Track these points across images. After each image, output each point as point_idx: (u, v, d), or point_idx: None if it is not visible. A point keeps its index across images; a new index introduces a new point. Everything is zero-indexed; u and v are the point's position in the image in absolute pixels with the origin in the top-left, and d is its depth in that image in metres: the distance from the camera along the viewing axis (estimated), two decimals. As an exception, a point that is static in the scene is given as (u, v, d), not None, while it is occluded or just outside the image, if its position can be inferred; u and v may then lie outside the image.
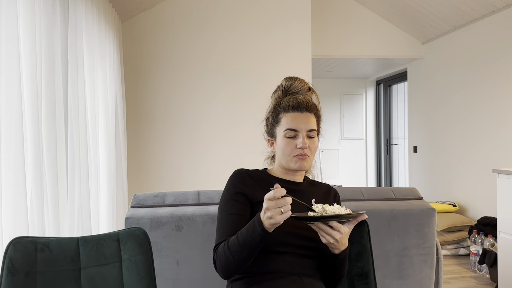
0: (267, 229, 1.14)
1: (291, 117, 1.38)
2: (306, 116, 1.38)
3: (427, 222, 1.94)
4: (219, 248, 1.27)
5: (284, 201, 1.09)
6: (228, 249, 1.22)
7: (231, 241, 1.23)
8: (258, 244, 1.17)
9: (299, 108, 1.38)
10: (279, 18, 4.45)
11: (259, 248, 1.19)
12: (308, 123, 1.37)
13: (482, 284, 3.40)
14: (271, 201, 1.09)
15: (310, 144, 1.37)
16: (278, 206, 1.09)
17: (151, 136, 4.32)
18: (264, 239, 1.16)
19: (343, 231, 1.18)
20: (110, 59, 3.30)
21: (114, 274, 1.32)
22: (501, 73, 3.90)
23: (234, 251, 1.20)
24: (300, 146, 1.34)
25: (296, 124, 1.37)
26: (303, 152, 1.35)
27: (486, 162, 4.12)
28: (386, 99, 6.87)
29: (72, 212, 2.22)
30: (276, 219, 1.10)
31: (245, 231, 1.19)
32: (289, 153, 1.37)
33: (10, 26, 1.56)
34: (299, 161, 1.36)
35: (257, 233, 1.15)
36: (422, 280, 1.95)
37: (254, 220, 1.17)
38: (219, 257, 1.25)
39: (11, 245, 1.24)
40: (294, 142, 1.36)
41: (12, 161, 1.56)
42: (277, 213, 1.10)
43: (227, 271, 1.25)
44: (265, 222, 1.13)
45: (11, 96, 1.55)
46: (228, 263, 1.23)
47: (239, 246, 1.19)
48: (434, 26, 4.73)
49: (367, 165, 7.18)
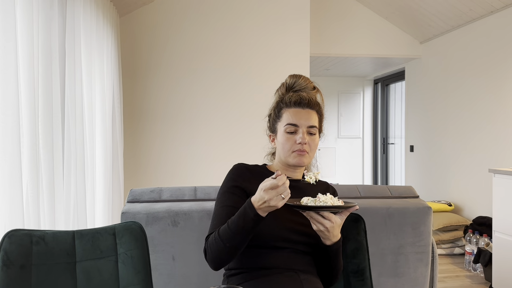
0: (260, 214, 1.16)
1: (292, 113, 1.39)
2: (308, 113, 1.39)
3: (423, 220, 1.94)
4: (210, 237, 1.27)
5: (284, 187, 1.12)
6: (219, 237, 1.22)
7: (222, 229, 1.23)
8: (250, 229, 1.18)
9: (301, 104, 1.39)
10: (278, 16, 4.44)
11: (251, 233, 1.20)
12: (309, 119, 1.38)
13: (477, 283, 3.42)
14: (273, 190, 1.11)
15: (310, 141, 1.37)
16: (279, 193, 1.11)
17: (148, 131, 4.31)
18: (257, 224, 1.17)
19: (334, 221, 1.19)
20: (108, 54, 3.28)
21: (109, 268, 1.32)
22: (498, 73, 3.91)
23: (226, 239, 1.20)
24: (299, 142, 1.35)
25: (297, 119, 1.37)
26: (302, 148, 1.35)
27: (482, 161, 4.13)
28: (384, 98, 6.88)
29: (68, 206, 2.21)
30: (277, 204, 1.13)
31: (235, 218, 1.20)
32: (288, 148, 1.37)
33: (7, 20, 1.55)
34: (298, 157, 1.36)
35: (249, 218, 1.16)
36: (417, 278, 1.95)
37: (245, 206, 1.18)
38: (210, 246, 1.25)
39: (6, 237, 1.23)
40: (294, 137, 1.37)
41: (8, 155, 1.55)
42: (278, 200, 1.12)
43: (218, 260, 1.25)
44: (261, 207, 1.14)
45: (7, 90, 1.54)
46: (220, 251, 1.23)
47: (231, 233, 1.19)
48: (432, 26, 4.73)
49: (364, 164, 7.20)
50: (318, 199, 1.20)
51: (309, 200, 1.21)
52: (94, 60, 2.83)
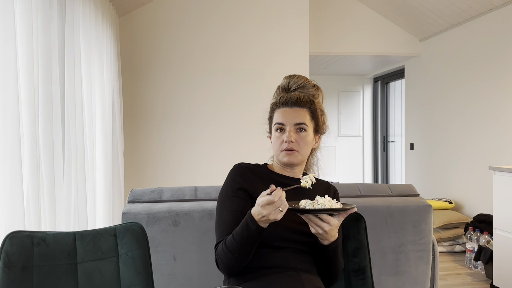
0: (261, 226, 1.17)
1: (280, 112, 1.41)
2: (295, 111, 1.40)
3: (423, 218, 1.94)
4: (218, 247, 1.29)
5: (280, 201, 1.13)
6: (227, 248, 1.24)
7: (228, 241, 1.24)
8: (255, 239, 1.20)
9: (288, 104, 1.40)
10: (277, 14, 4.44)
11: (257, 242, 1.22)
12: (296, 117, 1.39)
13: (477, 280, 3.42)
14: (270, 205, 1.12)
15: (299, 139, 1.38)
16: (276, 207, 1.12)
17: (148, 132, 4.31)
18: (260, 234, 1.19)
19: (332, 223, 1.19)
20: (107, 54, 3.28)
21: (111, 269, 1.32)
22: (498, 70, 3.91)
23: (233, 250, 1.22)
24: (285, 140, 1.37)
25: (283, 117, 1.39)
26: (288, 146, 1.36)
27: (483, 159, 4.13)
28: (383, 96, 6.87)
29: (69, 207, 2.21)
30: (276, 218, 1.14)
31: (239, 230, 1.21)
32: (277, 148, 1.40)
33: (6, 21, 1.54)
34: (287, 156, 1.38)
35: (252, 231, 1.18)
36: (418, 276, 1.95)
37: (246, 219, 1.20)
38: (220, 257, 1.27)
39: (7, 239, 1.23)
40: (282, 136, 1.39)
41: (9, 155, 1.55)
42: (277, 213, 1.13)
43: (230, 268, 1.27)
44: (261, 220, 1.16)
45: (7, 90, 1.54)
46: (229, 261, 1.25)
47: (237, 244, 1.21)
48: (431, 24, 4.73)
49: (364, 162, 7.19)
50: (316, 202, 1.20)
51: (307, 203, 1.21)
52: (93, 60, 2.83)
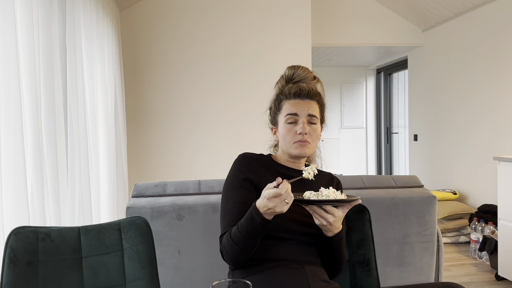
0: (266, 218, 1.16)
1: (292, 103, 1.39)
2: (307, 103, 1.38)
3: (428, 209, 1.94)
4: (223, 239, 1.29)
5: (286, 193, 1.12)
6: (232, 240, 1.24)
7: (233, 232, 1.24)
8: (260, 232, 1.20)
9: (300, 95, 1.39)
10: (279, 7, 4.41)
11: (262, 234, 1.21)
12: (309, 109, 1.38)
13: (482, 271, 3.42)
14: (277, 198, 1.11)
15: (311, 131, 1.37)
16: (283, 200, 1.11)
17: (150, 126, 4.31)
18: (265, 227, 1.19)
19: (336, 215, 1.19)
20: (109, 49, 3.27)
21: (116, 263, 1.32)
22: (502, 60, 3.88)
23: (238, 241, 1.22)
24: (299, 132, 1.34)
25: (297, 109, 1.37)
26: (303, 138, 1.35)
27: (487, 149, 4.11)
28: (387, 88, 6.84)
29: (73, 202, 2.22)
30: (282, 210, 1.13)
31: (244, 222, 1.21)
32: (289, 139, 1.37)
33: (7, 17, 1.54)
34: (300, 147, 1.36)
35: (257, 223, 1.17)
36: (423, 267, 1.95)
37: (251, 211, 1.19)
38: (225, 248, 1.27)
39: (12, 234, 1.24)
40: (295, 128, 1.37)
41: (12, 152, 1.56)
42: (283, 205, 1.12)
43: (235, 260, 1.27)
44: (267, 212, 1.15)
45: (10, 86, 1.54)
46: (234, 253, 1.25)
47: (242, 236, 1.21)
48: (434, 13, 4.68)
49: (367, 154, 7.18)
50: (321, 193, 1.19)
51: (311, 194, 1.20)
52: (95, 55, 2.82)
